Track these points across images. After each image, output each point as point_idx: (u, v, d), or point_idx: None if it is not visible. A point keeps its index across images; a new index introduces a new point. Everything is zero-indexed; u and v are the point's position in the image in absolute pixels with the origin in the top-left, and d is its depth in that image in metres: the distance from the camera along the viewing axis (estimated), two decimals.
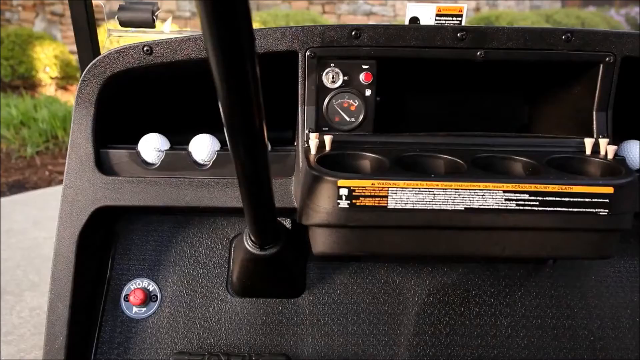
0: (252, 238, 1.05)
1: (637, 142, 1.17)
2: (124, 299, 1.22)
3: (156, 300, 1.23)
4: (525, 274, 1.26)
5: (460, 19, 1.27)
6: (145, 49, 1.09)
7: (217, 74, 0.63)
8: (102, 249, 1.24)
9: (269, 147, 1.17)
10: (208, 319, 1.22)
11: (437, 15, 1.28)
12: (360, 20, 8.10)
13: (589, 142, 1.09)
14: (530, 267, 1.26)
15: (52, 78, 6.11)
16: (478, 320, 1.23)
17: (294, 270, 1.21)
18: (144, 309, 1.22)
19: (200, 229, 1.27)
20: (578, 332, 1.23)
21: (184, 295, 1.23)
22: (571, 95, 1.20)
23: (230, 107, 0.68)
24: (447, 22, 1.27)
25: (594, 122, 1.13)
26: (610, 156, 1.06)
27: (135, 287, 1.23)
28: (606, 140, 1.08)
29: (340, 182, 0.93)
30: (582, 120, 1.16)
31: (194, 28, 6.96)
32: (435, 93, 1.32)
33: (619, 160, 1.08)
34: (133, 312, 1.22)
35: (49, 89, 6.10)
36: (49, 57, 6.04)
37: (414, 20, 1.30)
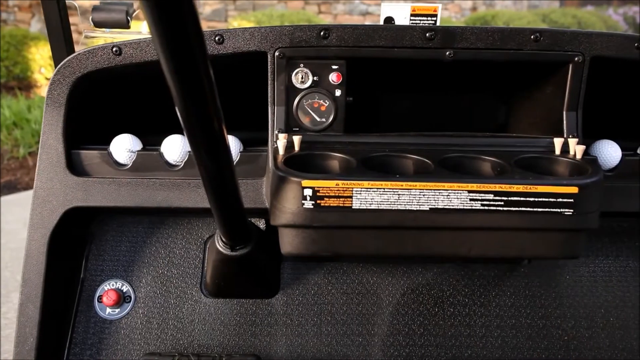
0: (223, 239, 1.05)
1: (609, 141, 1.17)
2: (98, 300, 1.22)
3: (130, 301, 1.22)
4: (499, 274, 1.25)
5: (435, 18, 1.27)
6: (114, 49, 1.09)
7: (169, 77, 0.62)
8: (75, 249, 1.24)
9: (241, 148, 1.17)
10: (182, 320, 1.21)
11: (411, 15, 1.28)
12: (356, 20, 8.09)
13: (558, 142, 1.09)
14: (505, 267, 1.26)
15: (47, 79, 6.11)
16: (452, 321, 1.23)
17: (266, 270, 1.21)
18: (117, 310, 1.22)
19: (174, 230, 1.27)
20: (552, 332, 1.23)
21: (158, 296, 1.23)
22: (544, 95, 1.20)
23: (186, 111, 0.68)
24: (422, 22, 1.27)
25: (564, 122, 1.13)
26: (578, 156, 1.06)
27: (109, 288, 1.22)
28: (575, 140, 1.08)
29: (305, 183, 0.93)
30: (554, 120, 1.16)
31: None
32: (409, 93, 1.31)
33: (588, 159, 1.08)
34: (106, 313, 1.22)
35: (44, 90, 6.10)
36: (45, 57, 6.04)
37: (389, 20, 1.29)
